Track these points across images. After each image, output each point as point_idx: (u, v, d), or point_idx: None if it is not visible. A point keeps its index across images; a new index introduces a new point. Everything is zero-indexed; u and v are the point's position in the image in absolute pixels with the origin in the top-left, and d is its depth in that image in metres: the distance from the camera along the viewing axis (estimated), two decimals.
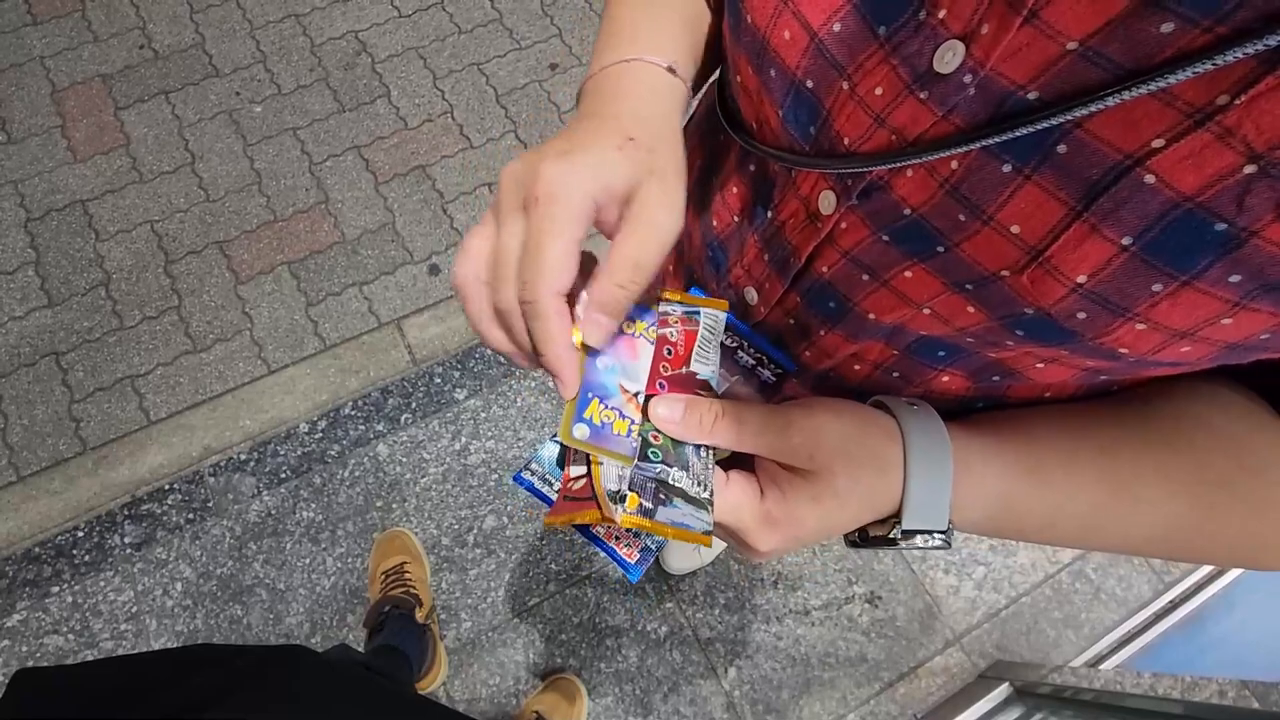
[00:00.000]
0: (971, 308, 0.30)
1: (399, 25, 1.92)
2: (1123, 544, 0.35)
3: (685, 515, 0.31)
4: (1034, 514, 0.34)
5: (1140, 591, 1.48)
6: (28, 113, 1.77)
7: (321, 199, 1.72)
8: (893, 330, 0.36)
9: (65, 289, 1.60)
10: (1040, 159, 0.24)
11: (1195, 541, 0.34)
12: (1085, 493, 0.33)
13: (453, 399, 1.55)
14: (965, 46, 0.25)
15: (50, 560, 1.38)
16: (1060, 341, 0.28)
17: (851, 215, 0.33)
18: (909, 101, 0.27)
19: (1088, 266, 0.25)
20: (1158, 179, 0.22)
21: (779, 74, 0.32)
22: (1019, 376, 0.34)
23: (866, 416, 0.33)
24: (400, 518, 1.45)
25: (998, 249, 0.27)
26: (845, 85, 0.29)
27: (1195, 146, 0.21)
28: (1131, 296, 0.24)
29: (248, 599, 1.38)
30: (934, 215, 0.29)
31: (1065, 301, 0.26)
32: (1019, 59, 0.24)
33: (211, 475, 1.46)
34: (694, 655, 1.38)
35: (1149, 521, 0.33)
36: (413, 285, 1.65)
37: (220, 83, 1.83)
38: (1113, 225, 0.23)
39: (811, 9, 0.29)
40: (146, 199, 1.70)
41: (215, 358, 1.56)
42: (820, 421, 0.32)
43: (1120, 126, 0.22)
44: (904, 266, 0.32)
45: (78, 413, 1.50)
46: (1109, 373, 0.32)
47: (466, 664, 1.35)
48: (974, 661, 1.41)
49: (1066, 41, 0.22)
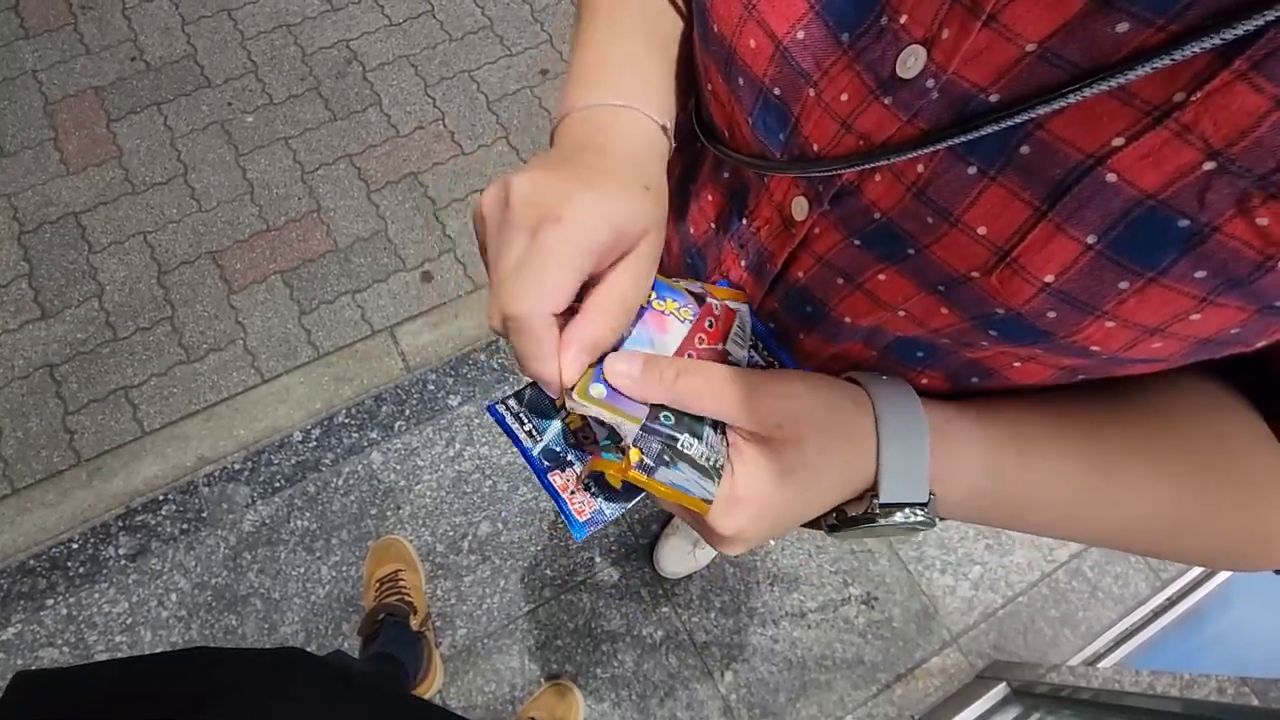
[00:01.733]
0: (945, 309, 0.30)
1: (390, 34, 1.93)
2: (1109, 530, 0.34)
3: (687, 479, 0.29)
4: (1018, 493, 0.33)
5: (1138, 589, 1.48)
6: (20, 125, 1.77)
7: (314, 207, 1.73)
8: (870, 332, 0.36)
9: (59, 301, 1.60)
10: (1004, 160, 0.24)
11: (1178, 530, 0.33)
12: (1072, 472, 0.32)
13: (446, 406, 1.55)
14: (927, 51, 0.25)
15: (45, 572, 1.38)
16: (1033, 341, 0.28)
17: (824, 220, 0.33)
18: (874, 107, 0.27)
19: (1055, 266, 0.25)
20: (1119, 177, 0.22)
21: (747, 82, 0.32)
22: (997, 376, 0.34)
23: (838, 386, 0.32)
24: (395, 525, 1.44)
25: (966, 250, 0.27)
26: (812, 92, 0.29)
27: (1154, 144, 0.21)
28: (1099, 295, 0.24)
29: (243, 609, 1.38)
30: (903, 218, 0.29)
31: (1034, 301, 0.26)
32: (979, 62, 0.24)
33: (206, 485, 1.46)
34: (690, 659, 1.38)
35: (1136, 505, 0.33)
36: (405, 292, 1.66)
37: (212, 93, 1.83)
38: (1077, 224, 0.24)
39: (775, 17, 0.30)
40: (139, 210, 1.70)
41: (209, 368, 1.57)
42: (792, 388, 0.31)
43: (1081, 126, 0.22)
44: (877, 270, 0.32)
45: (72, 424, 1.50)
46: (1085, 371, 0.32)
47: (462, 671, 1.34)
48: (971, 662, 1.41)
49: (1025, 44, 0.22)
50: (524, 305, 0.27)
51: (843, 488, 0.31)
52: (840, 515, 0.33)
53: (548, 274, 0.27)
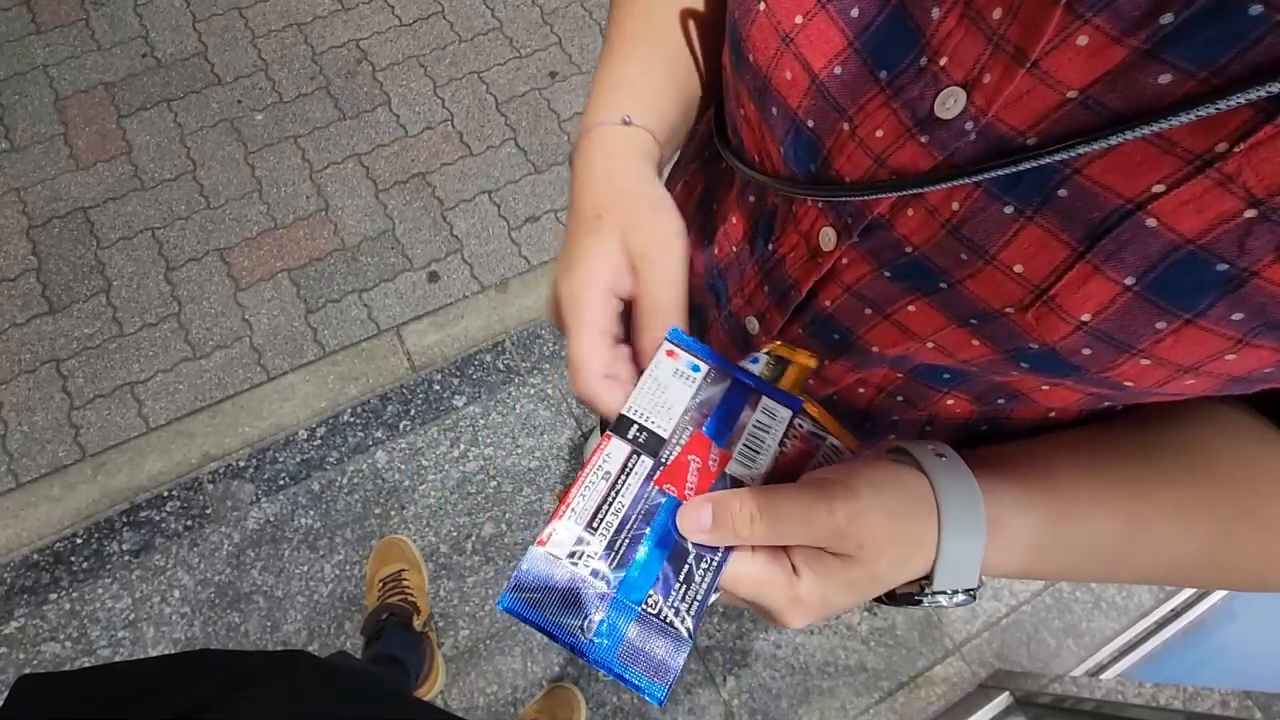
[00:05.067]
0: (976, 341, 0.30)
1: (400, 34, 1.93)
2: (1143, 578, 0.35)
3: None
4: (1059, 561, 0.33)
5: (1141, 600, 1.48)
6: (31, 121, 1.78)
7: (322, 206, 1.73)
8: (897, 358, 0.36)
9: (66, 296, 1.61)
10: (1041, 201, 0.25)
11: (1212, 571, 0.34)
12: (1110, 535, 0.32)
13: (451, 406, 1.55)
14: (967, 93, 0.25)
15: (49, 567, 1.38)
16: (1065, 374, 0.29)
17: (852, 252, 0.33)
18: (909, 145, 0.27)
19: (1092, 305, 0.25)
20: (1159, 222, 0.22)
21: (781, 112, 0.32)
22: (1023, 399, 0.34)
23: (905, 488, 0.30)
24: (398, 525, 1.44)
25: (1001, 287, 0.27)
26: (846, 126, 0.29)
27: (1196, 192, 0.21)
28: (1135, 334, 0.25)
29: (245, 606, 1.38)
30: (936, 254, 0.29)
31: (1070, 338, 0.26)
32: (1020, 106, 0.24)
33: (210, 482, 1.46)
34: (692, 664, 1.38)
35: (1169, 556, 0.33)
36: (412, 292, 1.66)
37: (222, 91, 1.84)
38: (1115, 266, 0.24)
39: (813, 52, 0.30)
40: (148, 206, 1.70)
41: (215, 364, 1.57)
42: (864, 504, 0.29)
43: (1121, 172, 0.23)
44: (907, 301, 0.32)
45: (77, 419, 1.50)
46: (1113, 399, 0.32)
47: (464, 672, 1.34)
48: (974, 671, 1.41)
49: (1067, 90, 0.23)
50: (579, 392, 0.34)
51: (899, 581, 0.31)
52: (890, 594, 0.32)
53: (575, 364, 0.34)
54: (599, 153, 0.37)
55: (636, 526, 0.30)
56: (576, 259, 0.34)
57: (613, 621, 0.28)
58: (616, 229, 0.34)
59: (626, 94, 0.39)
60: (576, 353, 0.33)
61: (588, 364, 0.33)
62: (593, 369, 0.33)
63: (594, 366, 0.33)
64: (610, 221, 0.35)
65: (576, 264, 0.34)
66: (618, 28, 0.42)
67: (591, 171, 0.37)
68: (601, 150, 0.38)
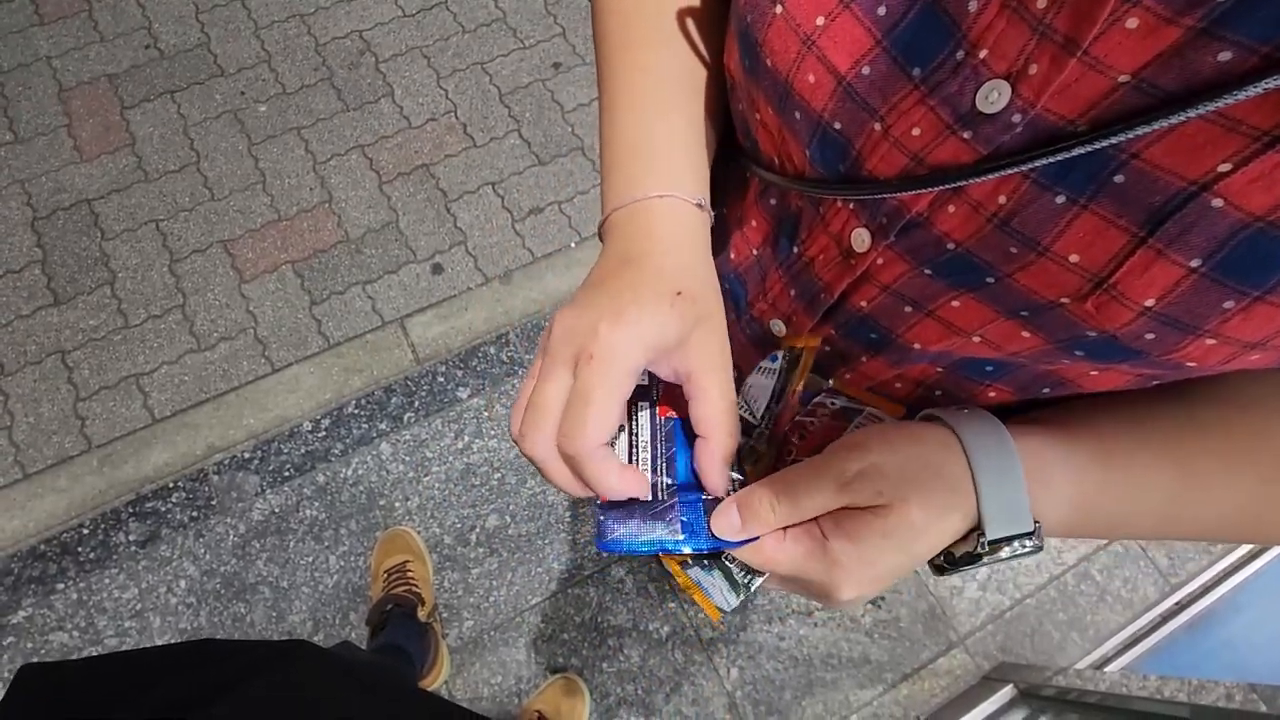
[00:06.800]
0: (1027, 333, 0.30)
1: (403, 25, 1.92)
2: (1196, 531, 0.34)
3: (713, 583, 0.32)
4: (1109, 513, 0.32)
5: (1146, 593, 1.47)
6: (35, 112, 1.78)
7: (325, 198, 1.73)
8: (939, 353, 0.35)
9: (71, 288, 1.61)
10: (1095, 189, 0.24)
11: (1258, 525, 0.33)
12: (1158, 487, 0.32)
13: (456, 398, 1.55)
14: (1011, 86, 0.24)
15: (55, 557, 1.39)
16: (1123, 359, 0.28)
17: (889, 252, 0.32)
18: (950, 141, 0.27)
19: (1156, 290, 0.24)
20: (1226, 202, 0.22)
21: (804, 116, 0.31)
22: (1069, 386, 0.34)
23: (919, 434, 0.31)
24: (403, 516, 1.45)
25: (1055, 278, 0.27)
26: (877, 126, 0.29)
27: (1265, 168, 0.21)
28: (1202, 315, 0.24)
29: (251, 597, 1.38)
30: (981, 249, 0.28)
31: (1133, 324, 0.26)
32: (1068, 94, 0.24)
33: (215, 473, 1.47)
34: (696, 655, 1.38)
35: (1218, 511, 0.32)
36: (416, 284, 1.66)
37: (225, 82, 1.84)
38: (1180, 249, 0.23)
39: (837, 53, 0.29)
40: (152, 198, 1.70)
41: (219, 356, 1.57)
42: (876, 456, 0.30)
43: (1181, 154, 0.22)
44: (950, 297, 0.31)
45: (83, 411, 1.51)
46: (1166, 379, 0.31)
47: (468, 663, 1.35)
48: (978, 663, 1.40)
49: (1118, 75, 0.22)
50: (576, 445, 0.29)
51: (948, 535, 0.30)
52: (948, 556, 0.32)
53: (590, 414, 0.29)
54: (684, 231, 0.35)
55: (665, 449, 0.34)
56: (639, 319, 0.30)
57: (689, 518, 0.32)
58: (693, 318, 0.31)
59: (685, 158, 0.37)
60: (590, 413, 0.29)
61: (600, 430, 0.29)
62: (601, 438, 0.30)
63: (603, 436, 0.30)
64: (689, 308, 0.31)
65: (637, 322, 0.30)
66: (632, 58, 0.39)
67: (678, 247, 0.34)
68: (685, 228, 0.35)
